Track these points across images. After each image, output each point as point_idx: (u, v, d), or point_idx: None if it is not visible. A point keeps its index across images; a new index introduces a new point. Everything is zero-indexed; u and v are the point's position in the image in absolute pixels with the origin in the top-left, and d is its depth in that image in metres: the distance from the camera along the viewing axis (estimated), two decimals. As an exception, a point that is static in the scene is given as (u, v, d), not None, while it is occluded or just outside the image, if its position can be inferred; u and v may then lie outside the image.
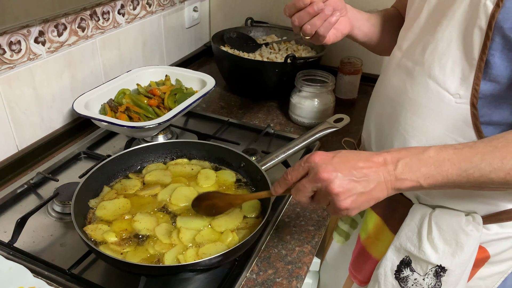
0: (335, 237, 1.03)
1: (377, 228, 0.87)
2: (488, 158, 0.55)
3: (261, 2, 1.48)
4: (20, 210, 0.86)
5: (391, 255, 0.79)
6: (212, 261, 0.64)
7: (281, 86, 1.26)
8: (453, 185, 0.57)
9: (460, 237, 0.70)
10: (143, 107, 1.04)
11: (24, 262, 0.72)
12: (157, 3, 1.30)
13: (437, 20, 0.67)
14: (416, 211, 0.76)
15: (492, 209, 0.71)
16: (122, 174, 0.85)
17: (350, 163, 0.57)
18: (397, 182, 0.57)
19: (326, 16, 0.77)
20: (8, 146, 0.94)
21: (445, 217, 0.72)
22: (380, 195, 0.58)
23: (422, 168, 0.56)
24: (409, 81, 0.72)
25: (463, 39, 0.63)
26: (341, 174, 0.56)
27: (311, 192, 0.60)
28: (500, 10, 0.57)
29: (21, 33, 0.90)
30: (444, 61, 0.66)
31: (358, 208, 0.58)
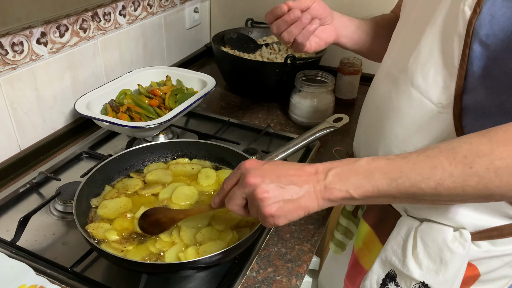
0: (331, 247, 1.00)
1: (368, 239, 0.84)
2: (418, 168, 0.52)
3: (262, 2, 1.49)
4: (22, 209, 0.86)
5: (377, 267, 0.76)
6: (212, 259, 0.65)
7: (281, 86, 1.27)
8: (386, 196, 0.54)
9: (444, 253, 0.67)
10: (144, 107, 1.05)
11: (26, 261, 0.72)
12: (158, 4, 1.31)
13: (422, 26, 0.65)
14: (403, 224, 0.72)
15: (482, 225, 0.66)
16: (123, 174, 0.86)
17: (279, 171, 0.56)
18: (326, 191, 0.55)
19: (304, 24, 0.76)
20: (10, 146, 0.95)
21: (431, 231, 0.68)
22: (310, 204, 0.56)
23: (351, 177, 0.54)
24: (394, 89, 0.69)
25: (444, 47, 0.61)
26: (268, 179, 0.55)
27: (242, 200, 0.58)
28: (477, 17, 0.55)
29: (23, 34, 0.91)
30: (426, 69, 0.63)
31: (285, 216, 0.56)
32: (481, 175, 0.50)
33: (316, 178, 0.56)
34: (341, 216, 0.97)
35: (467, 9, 0.56)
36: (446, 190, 0.51)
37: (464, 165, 0.50)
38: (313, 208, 0.56)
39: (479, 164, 0.50)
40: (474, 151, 0.50)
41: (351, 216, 0.94)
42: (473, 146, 0.51)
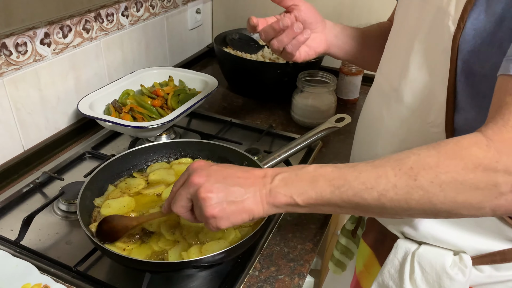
0: (330, 267, 0.97)
1: (368, 260, 0.80)
2: (363, 177, 0.49)
3: (263, 3, 1.49)
4: (26, 208, 0.87)
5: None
6: (215, 258, 0.65)
7: (283, 86, 1.27)
8: (330, 205, 0.52)
9: (443, 281, 0.63)
10: (146, 108, 1.05)
11: (30, 260, 0.73)
12: (160, 5, 1.31)
13: (411, 41, 0.62)
14: (400, 247, 0.68)
15: (483, 248, 0.62)
16: (126, 173, 0.86)
17: (226, 172, 0.55)
18: (271, 196, 0.53)
19: (295, 33, 0.72)
20: (14, 146, 0.95)
21: (429, 256, 0.64)
22: (254, 208, 0.54)
23: (296, 183, 0.53)
24: (385, 107, 0.67)
25: (431, 64, 0.58)
26: (213, 179, 0.54)
27: (188, 201, 0.56)
28: (461, 32, 0.53)
29: (27, 35, 0.91)
30: (416, 87, 0.61)
31: (228, 218, 0.54)
32: (425, 188, 0.47)
33: (263, 181, 0.54)
34: (340, 235, 0.94)
35: (451, 24, 0.54)
36: (389, 202, 0.49)
37: (409, 177, 0.47)
38: (258, 213, 0.54)
39: (424, 176, 0.47)
40: (421, 162, 0.47)
41: (350, 235, 0.91)
42: (420, 157, 0.48)
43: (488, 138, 0.46)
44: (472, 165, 0.45)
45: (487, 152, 0.45)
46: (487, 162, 0.45)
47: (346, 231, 0.92)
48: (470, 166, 0.45)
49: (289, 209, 0.54)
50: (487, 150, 0.45)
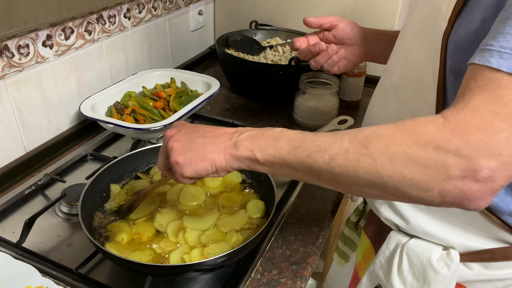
0: (335, 258, 0.99)
1: (367, 252, 0.83)
2: (319, 140, 0.51)
3: (266, 5, 1.49)
4: (28, 211, 0.87)
5: (365, 281, 0.75)
6: (217, 261, 0.65)
7: (285, 88, 1.27)
8: (286, 165, 0.53)
9: (428, 273, 0.65)
10: (148, 110, 1.05)
11: (32, 262, 0.73)
12: (163, 6, 1.31)
13: (411, 40, 0.64)
14: (392, 238, 0.70)
15: (472, 246, 0.64)
16: (128, 176, 0.86)
17: (199, 127, 0.59)
18: (234, 147, 0.56)
19: (329, 55, 0.81)
20: (16, 148, 0.95)
21: (418, 249, 0.66)
22: (216, 158, 0.56)
23: (260, 139, 0.55)
24: (384, 104, 0.69)
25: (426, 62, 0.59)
26: (183, 131, 0.58)
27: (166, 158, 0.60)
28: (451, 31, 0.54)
29: (29, 36, 0.91)
30: (414, 86, 0.62)
31: (190, 165, 0.56)
32: (375, 157, 0.47)
33: (230, 136, 0.57)
34: (345, 226, 0.96)
35: (442, 22, 0.55)
36: (339, 167, 0.49)
37: (362, 145, 0.48)
38: (219, 162, 0.56)
39: (375, 145, 0.47)
40: (376, 133, 0.48)
41: (354, 227, 0.93)
42: (378, 129, 0.49)
43: (445, 118, 0.46)
44: (424, 140, 0.45)
45: (441, 131, 0.45)
46: (438, 140, 0.44)
47: (350, 223, 0.94)
48: (422, 141, 0.45)
49: (250, 164, 0.56)
50: (441, 128, 0.45)
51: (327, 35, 0.84)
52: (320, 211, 0.89)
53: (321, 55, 0.81)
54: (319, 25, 0.82)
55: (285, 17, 1.47)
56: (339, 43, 0.83)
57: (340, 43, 0.84)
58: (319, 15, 1.38)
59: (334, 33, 0.82)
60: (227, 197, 0.81)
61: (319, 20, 0.81)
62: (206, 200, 0.80)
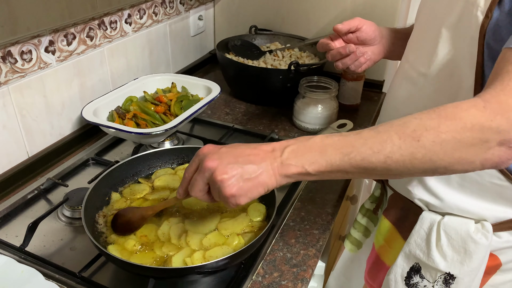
0: (347, 245, 1.02)
1: (390, 235, 0.87)
2: (369, 142, 0.54)
3: (265, 10, 1.50)
4: (31, 215, 0.88)
5: (401, 261, 0.79)
6: (219, 264, 0.66)
7: (285, 92, 1.28)
8: (339, 171, 0.56)
9: (468, 245, 0.70)
10: (150, 114, 1.06)
11: (35, 266, 0.73)
12: (163, 12, 1.33)
13: (438, 30, 0.68)
14: (425, 218, 0.75)
15: (502, 216, 0.70)
16: (130, 180, 0.87)
17: (236, 151, 0.58)
18: (283, 168, 0.56)
19: (357, 57, 0.85)
20: (19, 153, 0.96)
21: (454, 224, 0.72)
22: (268, 181, 0.57)
23: (306, 154, 0.56)
24: (414, 91, 0.72)
25: (460, 50, 0.64)
26: (226, 161, 0.56)
27: (204, 185, 0.59)
28: (489, 21, 0.58)
29: (32, 42, 0.92)
30: (444, 71, 0.66)
31: (246, 195, 0.57)
32: (428, 147, 0.51)
33: (273, 155, 0.57)
34: (359, 214, 0.99)
35: (480, 14, 0.59)
36: (395, 163, 0.53)
37: (413, 139, 0.52)
38: (271, 185, 0.57)
39: (426, 137, 0.51)
40: (423, 125, 0.52)
41: (371, 214, 0.96)
42: (422, 121, 0.53)
43: (485, 101, 0.51)
44: (470, 124, 0.51)
45: (483, 112, 0.51)
46: (483, 120, 0.51)
47: (364, 210, 0.97)
48: (468, 125, 0.51)
49: (299, 178, 0.58)
50: (483, 110, 0.51)
51: (350, 36, 0.87)
52: (320, 214, 0.90)
53: (349, 57, 0.85)
54: (347, 30, 0.85)
55: (284, 22, 1.49)
56: (361, 44, 0.88)
57: (362, 44, 0.88)
58: (318, 19, 1.42)
59: (358, 35, 0.85)
60: (228, 201, 0.82)
61: (348, 25, 0.84)
62: (208, 204, 0.81)
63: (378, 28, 0.87)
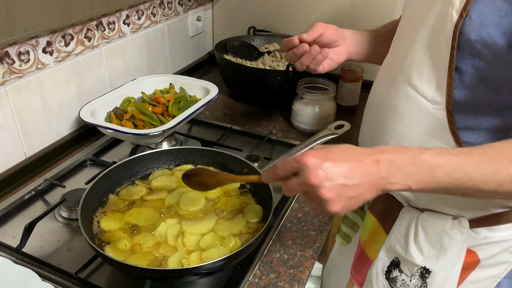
0: (337, 240, 1.05)
1: (374, 230, 0.89)
2: (481, 169, 0.55)
3: (263, 11, 1.50)
4: (28, 215, 0.88)
5: (382, 255, 0.81)
6: (215, 265, 0.66)
7: (283, 93, 1.28)
8: (443, 191, 0.58)
9: (444, 240, 0.72)
10: (147, 115, 1.06)
11: (32, 267, 0.73)
12: (161, 13, 1.33)
13: (415, 28, 0.69)
14: (405, 214, 0.77)
15: (479, 213, 0.72)
16: (127, 180, 0.87)
17: (341, 167, 0.56)
18: (387, 184, 0.57)
19: (313, 55, 0.84)
20: (16, 154, 0.96)
21: (431, 220, 0.73)
22: (370, 196, 0.58)
23: (414, 173, 0.56)
24: (393, 89, 0.73)
25: (435, 48, 0.65)
26: (332, 181, 0.55)
27: (302, 191, 0.60)
28: (463, 21, 0.59)
29: (29, 43, 0.92)
30: (422, 69, 0.67)
31: (346, 210, 0.59)
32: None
33: (377, 170, 0.56)
34: None
35: (454, 14, 0.60)
36: (504, 191, 0.55)
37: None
38: (371, 198, 0.59)
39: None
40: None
41: (358, 209, 0.98)
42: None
43: None
44: None
45: None
46: None
47: None
48: None
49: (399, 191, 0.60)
50: None
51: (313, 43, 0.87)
52: (317, 215, 0.90)
53: (305, 56, 0.84)
54: (313, 40, 0.84)
55: (283, 23, 1.49)
56: (324, 47, 0.87)
57: (325, 47, 0.87)
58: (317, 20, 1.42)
59: (319, 40, 0.85)
60: (225, 202, 0.82)
61: (313, 36, 0.83)
62: (206, 205, 0.81)
63: (339, 31, 0.87)
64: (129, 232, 0.75)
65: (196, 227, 0.75)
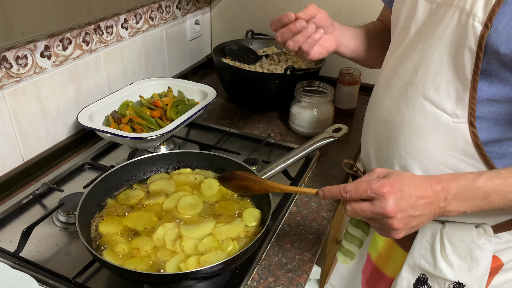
0: (339, 258, 1.01)
1: (387, 246, 0.86)
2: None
3: (261, 14, 1.51)
4: (25, 220, 0.87)
5: (406, 273, 0.79)
6: (213, 269, 0.66)
7: (281, 96, 1.28)
8: (493, 210, 0.61)
9: (474, 251, 0.71)
10: (146, 119, 1.06)
11: (29, 271, 0.73)
12: (160, 17, 1.33)
13: (425, 40, 0.67)
14: (426, 228, 0.75)
15: (501, 218, 0.72)
16: (125, 184, 0.87)
17: (411, 200, 0.60)
18: (444, 212, 0.61)
19: (309, 33, 0.77)
20: (14, 158, 0.96)
21: (456, 231, 0.72)
22: (427, 223, 0.63)
23: (469, 200, 0.60)
24: (403, 102, 0.71)
25: (454, 60, 0.63)
26: (403, 212, 0.59)
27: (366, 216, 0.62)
28: (489, 32, 0.58)
29: (27, 47, 0.92)
30: (438, 82, 0.66)
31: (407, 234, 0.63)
32: None
33: (437, 198, 0.61)
34: (350, 225, 0.98)
35: (477, 25, 0.59)
36: None
37: None
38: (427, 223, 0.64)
39: None
40: None
41: (363, 226, 0.95)
42: None
43: None
44: None
45: None
46: None
47: (355, 221, 0.97)
48: None
49: None
50: None
51: None
52: (316, 219, 0.90)
53: (301, 34, 0.77)
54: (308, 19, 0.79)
55: (281, 26, 1.49)
56: None
57: None
58: (314, 24, 1.41)
59: (314, 20, 0.79)
60: (223, 206, 0.82)
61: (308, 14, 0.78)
62: (204, 209, 0.81)
63: (330, 18, 0.84)
64: (127, 236, 0.75)
65: (194, 231, 0.75)
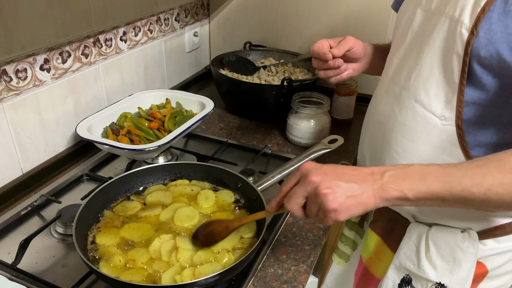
0: (335, 259, 1.04)
1: (377, 248, 0.89)
2: (469, 174, 0.57)
3: (259, 26, 1.53)
4: (23, 231, 0.88)
5: (391, 274, 0.81)
6: (209, 281, 0.66)
7: (278, 107, 1.29)
8: (437, 199, 0.58)
9: (457, 254, 0.73)
10: (144, 130, 1.07)
11: (27, 283, 0.74)
12: (158, 29, 1.35)
13: (420, 46, 0.71)
14: (413, 230, 0.78)
15: (487, 224, 0.73)
16: (123, 196, 0.87)
17: (339, 171, 0.61)
18: (383, 191, 0.59)
19: (340, 72, 0.88)
20: (13, 170, 0.97)
21: (442, 234, 0.74)
22: (368, 201, 0.59)
23: (406, 179, 0.59)
24: (397, 105, 0.75)
25: (444, 65, 0.67)
26: (330, 177, 0.59)
27: (303, 199, 0.61)
28: (474, 38, 0.61)
29: (27, 61, 0.94)
30: (428, 85, 0.69)
31: (346, 211, 0.59)
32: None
33: (372, 177, 0.60)
34: (345, 227, 1.00)
35: (465, 31, 0.62)
36: (495, 196, 0.56)
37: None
38: (370, 205, 0.60)
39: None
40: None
41: (357, 227, 0.98)
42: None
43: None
44: None
45: None
46: None
47: (350, 223, 0.99)
48: None
49: (397, 202, 0.60)
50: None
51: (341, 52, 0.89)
52: (312, 230, 0.90)
53: (332, 70, 0.87)
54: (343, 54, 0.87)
55: (278, 38, 1.51)
56: (347, 61, 0.90)
57: (348, 61, 0.90)
58: (312, 35, 1.44)
59: (348, 54, 0.87)
60: (220, 217, 0.82)
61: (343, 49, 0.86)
62: (200, 220, 0.82)
63: (364, 47, 0.90)
64: (124, 248, 0.75)
65: (189, 243, 0.75)
